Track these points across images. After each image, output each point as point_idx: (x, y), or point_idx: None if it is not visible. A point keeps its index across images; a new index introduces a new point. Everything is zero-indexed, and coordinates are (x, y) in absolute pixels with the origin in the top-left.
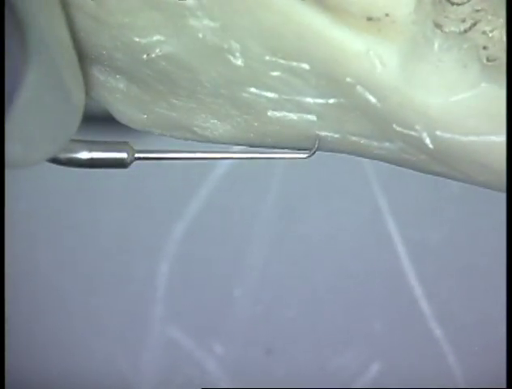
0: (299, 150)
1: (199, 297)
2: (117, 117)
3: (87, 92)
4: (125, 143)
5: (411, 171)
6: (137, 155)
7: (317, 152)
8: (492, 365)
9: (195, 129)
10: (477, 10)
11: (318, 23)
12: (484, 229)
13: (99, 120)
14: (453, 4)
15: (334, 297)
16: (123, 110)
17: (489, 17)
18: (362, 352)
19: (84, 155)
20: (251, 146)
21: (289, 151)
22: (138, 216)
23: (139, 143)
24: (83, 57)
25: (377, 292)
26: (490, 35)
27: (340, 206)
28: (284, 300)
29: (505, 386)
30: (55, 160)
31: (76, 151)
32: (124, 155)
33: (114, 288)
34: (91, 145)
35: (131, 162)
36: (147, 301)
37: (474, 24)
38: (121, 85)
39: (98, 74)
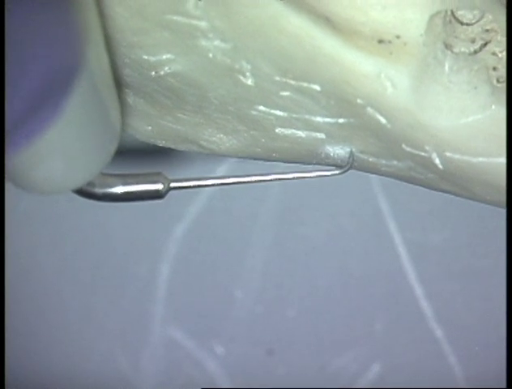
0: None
1: (200, 298)
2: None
3: None
4: (159, 173)
5: None
6: (172, 184)
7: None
8: (492, 365)
9: (201, 142)
10: (487, 30)
11: (329, 45)
12: (485, 231)
13: (127, 153)
14: (462, 24)
15: (334, 297)
16: (129, 123)
17: (499, 37)
18: (363, 353)
19: (119, 189)
20: (256, 159)
21: (319, 167)
22: (139, 217)
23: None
24: None
25: (377, 292)
26: (500, 55)
27: (341, 207)
28: (285, 300)
29: (505, 386)
30: (90, 195)
31: (110, 186)
32: (159, 186)
33: (115, 289)
34: (125, 178)
35: (167, 192)
36: (148, 302)
37: (484, 45)
38: (128, 99)
39: None
